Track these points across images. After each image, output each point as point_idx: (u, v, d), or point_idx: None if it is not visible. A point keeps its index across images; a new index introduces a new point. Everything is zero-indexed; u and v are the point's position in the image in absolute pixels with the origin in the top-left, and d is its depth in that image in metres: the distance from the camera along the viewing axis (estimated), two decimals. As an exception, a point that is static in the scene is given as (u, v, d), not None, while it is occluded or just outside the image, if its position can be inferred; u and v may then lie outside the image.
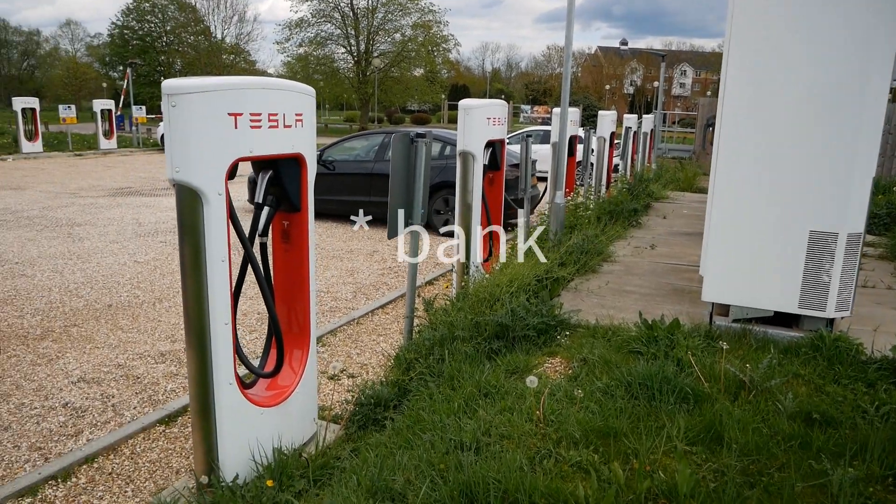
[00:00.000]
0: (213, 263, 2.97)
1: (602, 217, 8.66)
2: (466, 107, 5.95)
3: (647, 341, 3.87)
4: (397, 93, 52.27)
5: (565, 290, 5.39)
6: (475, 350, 4.11)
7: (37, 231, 9.88)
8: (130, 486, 3.45)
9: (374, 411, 3.94)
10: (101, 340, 5.49)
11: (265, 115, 3.12)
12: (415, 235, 4.85)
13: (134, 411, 4.25)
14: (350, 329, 5.99)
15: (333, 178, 11.38)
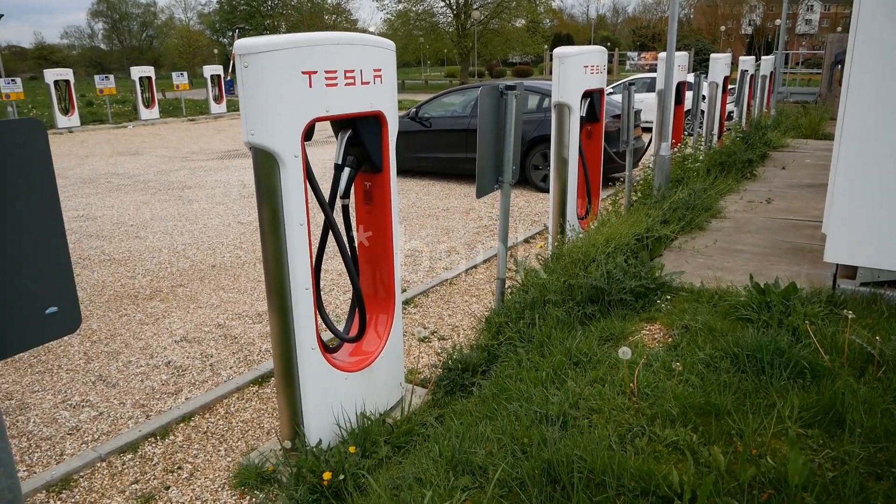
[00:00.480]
0: (291, 227, 2.91)
1: (712, 169, 8.05)
2: (561, 55, 5.60)
3: (759, 307, 3.51)
4: (497, 45, 51.20)
5: (668, 250, 5.03)
6: (567, 315, 3.90)
7: (150, 194, 10.44)
8: (223, 446, 3.54)
9: (461, 377, 3.83)
10: (204, 300, 5.70)
11: (341, 72, 2.99)
12: (506, 193, 4.64)
13: (230, 371, 4.37)
14: (443, 290, 5.91)
15: (430, 134, 11.25)
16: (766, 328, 3.31)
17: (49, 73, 20.65)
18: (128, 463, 3.39)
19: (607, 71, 6.37)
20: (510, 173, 4.58)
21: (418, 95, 33.99)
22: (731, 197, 7.06)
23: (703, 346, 3.19)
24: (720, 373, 2.91)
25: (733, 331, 3.34)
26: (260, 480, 3.14)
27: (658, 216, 5.12)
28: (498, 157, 4.55)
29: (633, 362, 3.02)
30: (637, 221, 4.86)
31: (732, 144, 9.13)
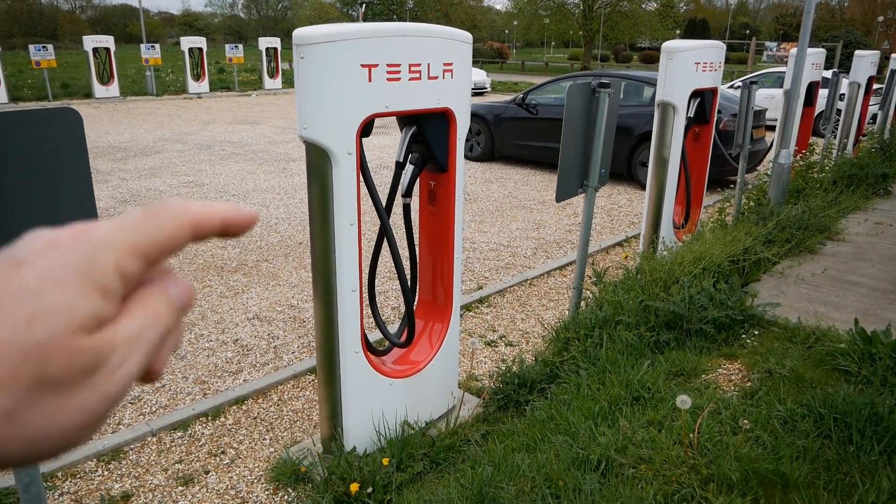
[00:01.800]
0: (340, 227, 2.80)
1: (839, 182, 7.26)
2: (670, 49, 5.15)
3: (861, 358, 3.06)
4: (625, 29, 49.25)
5: (768, 275, 4.53)
6: (639, 339, 3.58)
7: (257, 165, 10.79)
8: (269, 434, 3.53)
9: (517, 392, 3.63)
10: (284, 278, 5.77)
11: (405, 65, 2.81)
12: (590, 198, 4.33)
13: (292, 356, 4.38)
14: (521, 290, 5.67)
15: (536, 122, 10.90)
16: (866, 385, 2.87)
17: (185, 40, 21.87)
18: (176, 441, 3.45)
19: (742, 62, 5.81)
20: (597, 177, 4.27)
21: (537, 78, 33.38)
22: (856, 216, 6.32)
23: (785, 399, 2.80)
24: (798, 435, 2.53)
25: (825, 383, 2.92)
26: (294, 478, 3.10)
27: (761, 235, 4.63)
28: (585, 158, 4.25)
29: (698, 407, 2.70)
30: (734, 240, 4.40)
31: (867, 155, 8.20)
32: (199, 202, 0.38)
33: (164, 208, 0.36)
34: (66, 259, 0.33)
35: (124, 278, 0.34)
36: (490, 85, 27.35)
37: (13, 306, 0.31)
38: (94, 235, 0.34)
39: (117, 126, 15.15)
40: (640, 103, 10.08)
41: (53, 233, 0.34)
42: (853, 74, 10.18)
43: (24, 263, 0.33)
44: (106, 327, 0.34)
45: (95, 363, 0.33)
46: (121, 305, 0.35)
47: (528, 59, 52.76)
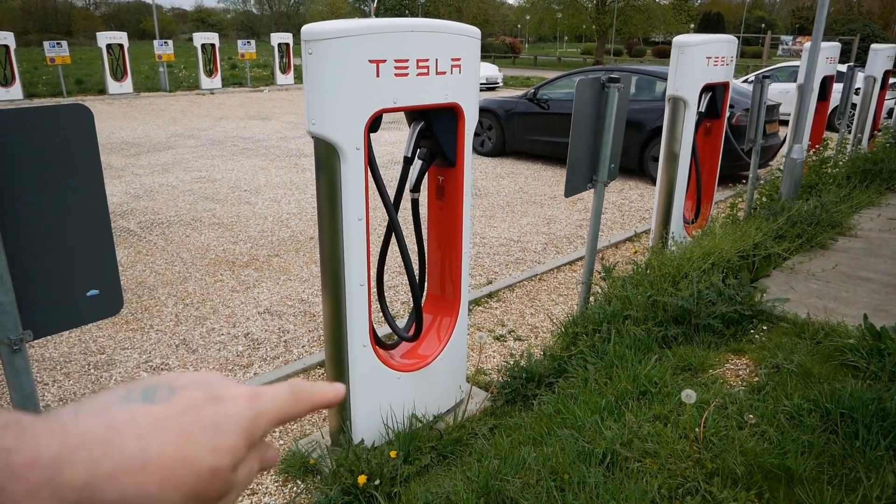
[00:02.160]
0: (349, 221, 2.82)
1: (853, 177, 7.20)
2: (681, 44, 5.13)
3: (869, 354, 3.05)
4: (638, 23, 48.90)
5: (778, 270, 4.51)
6: (647, 334, 3.58)
7: (269, 160, 10.85)
8: (279, 427, 3.56)
9: (524, 386, 3.64)
10: (295, 273, 5.82)
11: (413, 61, 2.83)
12: (599, 193, 4.33)
13: (301, 350, 4.41)
14: (530, 285, 5.68)
15: (547, 117, 10.88)
16: (873, 381, 2.86)
17: (197, 36, 21.98)
18: None
19: (758, 56, 5.77)
20: (605, 172, 4.27)
21: (549, 73, 33.26)
22: (869, 212, 6.27)
23: (792, 394, 2.80)
24: (804, 430, 2.53)
25: (833, 379, 2.92)
26: (303, 470, 3.13)
27: (771, 230, 4.60)
28: (594, 154, 4.26)
29: (705, 402, 2.70)
30: (744, 235, 4.39)
31: (881, 150, 8.12)
32: (320, 390, 0.50)
33: (301, 391, 0.48)
34: (244, 413, 0.43)
35: (263, 436, 0.46)
36: (502, 80, 27.32)
37: (208, 434, 0.41)
38: (260, 402, 0.45)
39: (130, 122, 15.27)
40: (653, 98, 10.04)
41: (237, 387, 0.45)
42: (869, 68, 10.08)
43: (219, 401, 0.43)
44: (239, 468, 0.44)
45: (225, 494, 0.43)
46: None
47: (540, 54, 52.56)
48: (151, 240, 6.68)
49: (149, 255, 6.24)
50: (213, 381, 0.45)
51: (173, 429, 0.40)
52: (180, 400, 0.41)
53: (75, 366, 4.18)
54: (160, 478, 0.38)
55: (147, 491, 0.38)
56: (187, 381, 0.44)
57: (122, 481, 0.37)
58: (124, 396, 0.41)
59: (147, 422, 0.39)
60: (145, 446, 0.38)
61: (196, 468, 0.40)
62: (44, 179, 2.04)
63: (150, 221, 7.33)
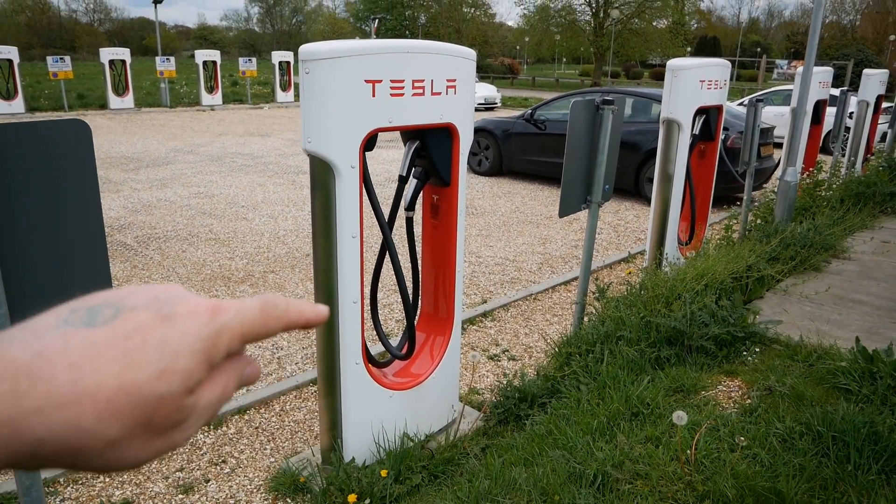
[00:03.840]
0: (343, 239, 2.83)
1: (846, 200, 7.25)
2: (675, 67, 5.19)
3: (861, 377, 3.05)
4: (635, 46, 49.39)
5: (771, 292, 4.53)
6: (639, 355, 3.59)
7: (267, 177, 10.88)
8: (271, 444, 3.55)
9: (517, 406, 3.63)
10: (291, 290, 5.81)
11: (408, 81, 2.86)
12: (593, 214, 4.35)
13: (295, 367, 4.40)
14: (525, 304, 5.69)
15: (544, 138, 10.95)
16: (865, 404, 2.86)
17: (199, 53, 22.14)
18: (178, 449, 3.47)
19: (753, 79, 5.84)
20: (600, 193, 4.29)
21: (547, 94, 33.49)
22: (862, 235, 6.31)
23: (784, 417, 2.80)
24: (796, 453, 2.53)
25: (825, 402, 2.92)
26: (294, 489, 3.11)
27: (765, 252, 4.63)
28: (588, 174, 4.28)
29: (697, 424, 2.70)
30: (738, 257, 4.41)
31: (875, 173, 8.18)
32: (295, 304, 0.44)
33: (273, 306, 0.43)
34: (200, 331, 0.39)
35: (227, 355, 0.41)
36: (500, 100, 27.50)
37: (154, 357, 0.37)
38: (222, 317, 0.40)
39: (131, 137, 15.33)
40: (649, 120, 10.12)
41: (195, 301, 0.41)
42: (862, 93, 10.18)
43: (168, 320, 0.38)
44: (197, 390, 0.40)
45: (182, 420, 0.39)
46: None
47: (538, 75, 52.98)
48: (148, 254, 6.68)
49: (145, 269, 6.24)
50: (167, 296, 0.40)
51: (113, 355, 0.36)
52: (125, 322, 0.37)
53: (67, 381, 4.16)
54: (97, 410, 0.35)
55: (82, 424, 0.35)
56: (138, 298, 0.39)
57: (50, 416, 0.34)
58: (66, 319, 0.37)
59: (82, 349, 0.35)
60: (78, 377, 0.34)
61: (140, 396, 0.36)
62: (39, 193, 2.05)
63: (146, 236, 7.33)
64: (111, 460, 0.37)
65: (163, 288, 0.41)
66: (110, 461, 0.37)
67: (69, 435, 0.35)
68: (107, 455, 0.36)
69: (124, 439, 0.36)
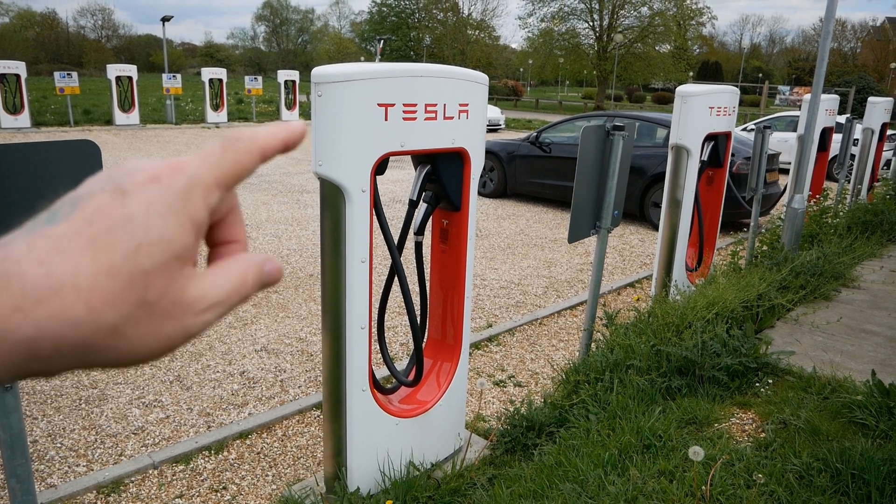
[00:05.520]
0: (352, 264, 2.79)
1: (854, 227, 7.21)
2: (684, 94, 5.18)
3: (878, 412, 2.99)
4: (639, 70, 49.73)
5: (782, 321, 4.47)
6: (650, 385, 3.52)
7: (271, 195, 10.87)
8: (272, 471, 3.48)
9: (524, 435, 3.56)
10: (293, 310, 5.76)
11: (421, 105, 2.83)
12: (602, 240, 4.32)
13: (298, 390, 4.34)
14: (531, 329, 5.63)
15: (549, 160, 10.96)
16: (884, 440, 2.80)
17: (206, 71, 22.27)
18: (178, 474, 3.40)
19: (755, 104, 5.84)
20: (609, 219, 4.26)
21: (550, 116, 33.66)
22: (871, 263, 6.26)
23: (801, 452, 2.74)
24: (814, 491, 2.46)
25: (842, 436, 2.86)
26: (296, 518, 3.04)
27: (775, 281, 4.58)
28: (598, 200, 4.25)
29: (711, 458, 2.63)
30: (748, 285, 4.36)
31: (882, 202, 8.15)
32: (262, 129, 0.41)
33: (238, 139, 0.40)
34: (165, 194, 0.36)
35: (210, 209, 0.38)
36: (504, 122, 27.61)
37: (123, 234, 0.35)
38: (186, 172, 0.37)
39: (136, 153, 15.36)
40: (654, 144, 10.12)
41: (150, 166, 0.37)
42: (867, 120, 10.20)
43: (128, 193, 0.36)
44: (195, 269, 0.38)
45: (187, 298, 0.37)
46: (202, 235, 0.39)
47: (542, 98, 53.29)
48: (150, 273, 6.63)
49: (147, 288, 6.18)
50: (123, 172, 0.37)
51: (80, 243, 0.34)
52: (84, 210, 0.35)
53: (66, 400, 4.10)
54: (82, 298, 0.33)
55: (72, 315, 0.33)
56: (94, 184, 0.37)
57: (32, 312, 0.33)
58: (28, 228, 0.36)
59: (47, 244, 0.34)
60: (49, 270, 0.33)
61: (123, 277, 0.34)
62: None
63: (149, 254, 7.28)
64: (122, 351, 0.36)
65: (117, 166, 0.38)
66: (122, 352, 0.36)
67: (62, 329, 0.33)
68: (115, 346, 0.35)
69: (126, 325, 0.35)
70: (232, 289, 0.40)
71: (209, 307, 0.38)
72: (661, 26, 48.01)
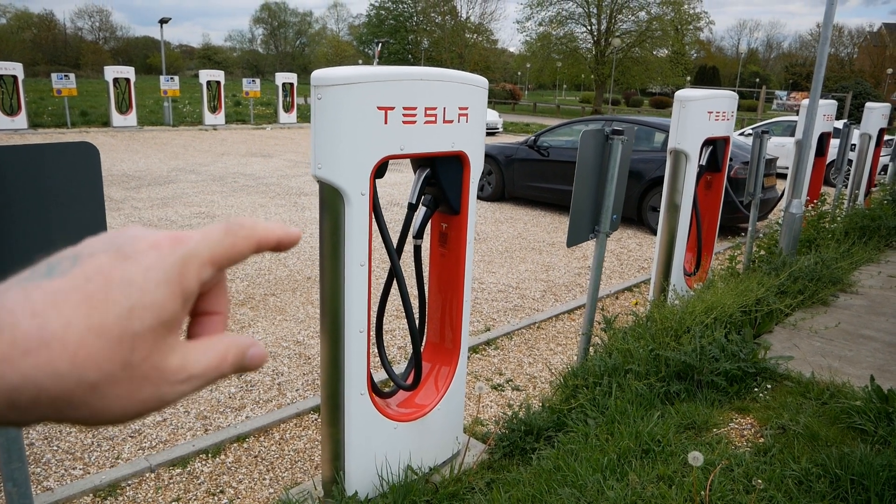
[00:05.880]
0: (351, 267, 2.78)
1: (851, 233, 7.22)
2: (683, 98, 5.19)
3: (877, 417, 2.99)
4: (636, 74, 49.91)
5: (780, 326, 4.47)
6: (648, 389, 3.52)
7: (269, 198, 10.86)
8: (270, 475, 3.46)
9: (523, 439, 3.55)
10: (291, 313, 5.75)
11: (421, 109, 2.83)
12: (601, 244, 4.32)
13: (295, 393, 4.32)
14: (528, 333, 5.62)
15: (547, 164, 10.97)
16: (883, 446, 2.80)
17: (203, 73, 22.27)
18: (175, 478, 3.38)
19: (752, 109, 5.85)
20: (608, 223, 4.26)
21: (548, 120, 33.75)
22: (869, 268, 6.27)
23: (800, 457, 2.73)
24: (813, 496, 2.46)
25: (841, 442, 2.85)
26: (293, 522, 3.02)
27: (773, 286, 4.58)
28: (597, 204, 4.25)
29: (710, 464, 2.63)
30: (746, 290, 4.36)
31: (879, 207, 8.17)
32: (263, 223, 0.43)
33: (239, 226, 0.42)
34: (163, 262, 0.38)
35: (201, 284, 0.40)
36: (502, 125, 27.65)
37: (120, 296, 0.36)
38: (185, 245, 0.39)
39: (133, 155, 15.34)
40: (652, 148, 10.13)
41: (153, 235, 0.39)
42: (864, 126, 10.22)
43: (129, 258, 0.37)
44: (179, 338, 0.39)
45: (168, 367, 0.38)
46: (189, 308, 0.40)
47: (539, 101, 53.38)
48: (147, 275, 6.61)
49: (144, 290, 6.16)
50: (126, 237, 0.38)
51: (76, 299, 0.35)
52: (84, 267, 0.36)
53: (63, 403, 4.08)
54: (69, 353, 0.34)
55: (56, 369, 0.34)
56: (96, 245, 0.38)
57: (19, 363, 0.33)
58: (26, 277, 0.36)
59: (43, 297, 0.35)
60: (42, 322, 0.34)
61: (112, 336, 0.35)
62: (46, 215, 2.00)
63: (146, 256, 7.26)
64: (97, 409, 0.36)
65: (120, 231, 0.39)
66: (96, 410, 0.36)
67: (45, 381, 0.34)
68: (91, 403, 0.35)
69: (106, 384, 0.35)
70: (210, 366, 0.40)
71: (186, 379, 0.39)
72: (658, 31, 48.18)
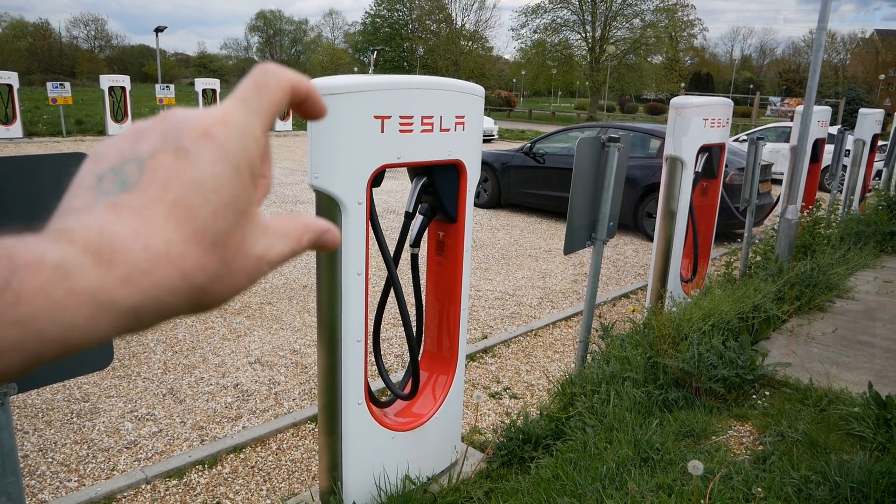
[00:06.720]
0: (348, 276, 2.77)
1: (847, 238, 7.24)
2: (679, 105, 5.21)
3: (876, 424, 2.98)
4: (631, 81, 50.09)
5: (777, 333, 4.47)
6: (647, 397, 3.51)
7: (265, 206, 10.75)
8: (267, 485, 3.44)
9: (521, 448, 3.54)
10: (288, 322, 5.73)
11: (418, 117, 2.83)
12: (598, 252, 4.31)
13: (292, 403, 4.30)
14: (526, 340, 5.61)
15: (543, 171, 10.98)
16: (882, 453, 2.79)
17: (199, 81, 22.28)
18: (171, 489, 3.36)
19: (746, 115, 5.87)
20: (605, 230, 4.26)
21: (543, 127, 33.83)
22: (865, 274, 6.28)
23: (799, 464, 2.73)
24: (813, 504, 2.45)
25: (840, 449, 2.85)
26: (291, 533, 3.00)
27: (770, 292, 4.58)
28: (593, 212, 4.25)
29: (709, 472, 2.62)
30: (743, 297, 4.36)
31: (874, 212, 8.20)
32: (286, 69, 0.42)
33: (268, 78, 0.41)
34: (226, 152, 0.38)
35: (262, 156, 0.41)
36: (497, 132, 27.71)
37: (198, 199, 0.36)
38: (233, 124, 0.39)
39: (128, 164, 15.28)
40: (647, 155, 10.16)
41: (198, 119, 0.38)
42: (858, 132, 10.28)
43: (190, 153, 0.37)
44: (258, 220, 0.40)
45: (252, 253, 0.39)
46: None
47: (535, 108, 53.51)
48: (143, 284, 6.58)
49: (139, 299, 6.14)
50: (173, 127, 0.38)
51: (162, 211, 0.36)
52: (153, 175, 0.36)
53: (58, 413, 4.05)
54: (177, 268, 0.36)
55: (172, 283, 0.35)
56: (149, 142, 0.38)
57: (140, 283, 0.34)
58: (99, 189, 0.36)
59: (133, 216, 0.35)
60: (145, 242, 0.35)
61: (207, 242, 0.37)
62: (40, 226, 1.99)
63: (142, 265, 7.24)
64: (204, 303, 0.38)
65: (164, 118, 0.39)
66: (203, 304, 0.38)
67: (163, 296, 0.35)
68: (200, 300, 0.37)
69: (211, 283, 0.37)
70: (286, 251, 0.42)
71: (269, 262, 0.41)
72: (652, 38, 48.39)
